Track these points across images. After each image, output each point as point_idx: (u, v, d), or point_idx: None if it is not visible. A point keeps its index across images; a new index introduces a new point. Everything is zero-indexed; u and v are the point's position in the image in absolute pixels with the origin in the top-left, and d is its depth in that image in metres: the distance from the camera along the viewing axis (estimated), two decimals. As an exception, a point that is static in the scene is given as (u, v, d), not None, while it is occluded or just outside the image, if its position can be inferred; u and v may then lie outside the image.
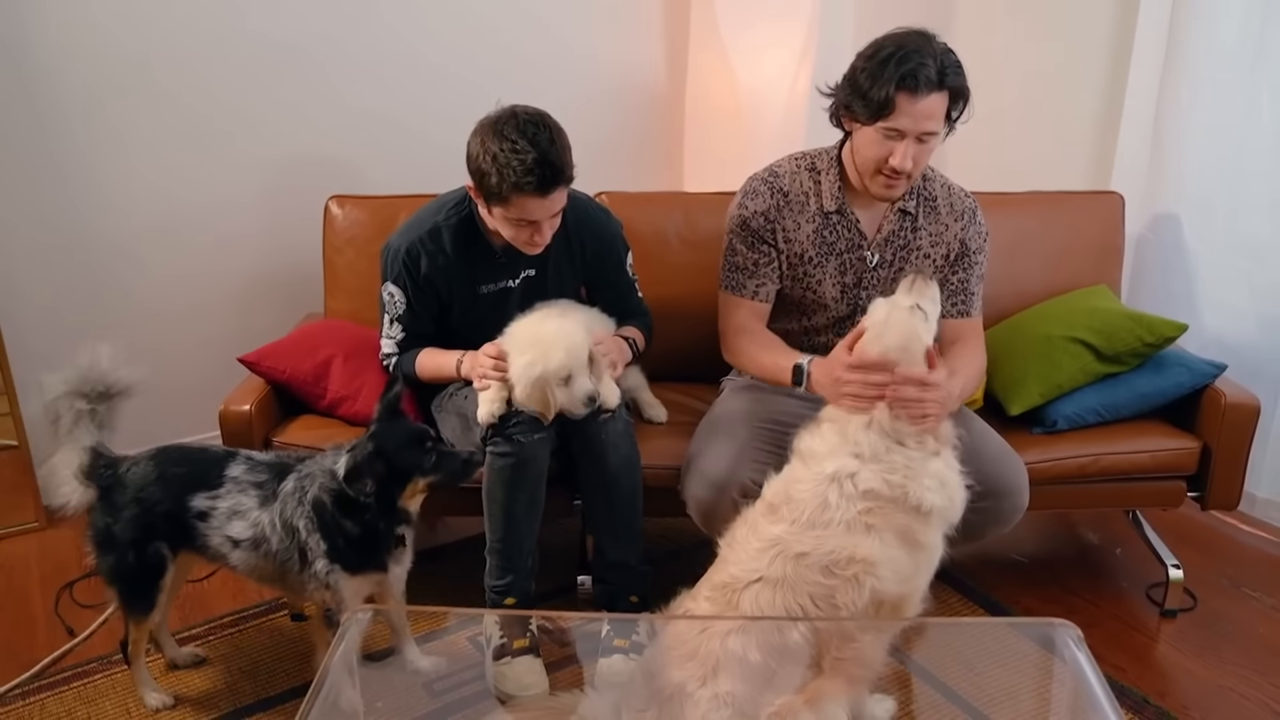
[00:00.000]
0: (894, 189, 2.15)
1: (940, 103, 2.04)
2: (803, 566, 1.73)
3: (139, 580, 2.08)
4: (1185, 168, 3.03)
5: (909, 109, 2.02)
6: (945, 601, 2.57)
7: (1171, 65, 3.00)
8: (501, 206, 2.13)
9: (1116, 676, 2.30)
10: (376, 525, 2.00)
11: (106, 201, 3.00)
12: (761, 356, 2.22)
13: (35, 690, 2.28)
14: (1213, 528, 2.99)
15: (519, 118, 2.09)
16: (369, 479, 1.92)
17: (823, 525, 1.74)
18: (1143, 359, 2.53)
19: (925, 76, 2.00)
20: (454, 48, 3.35)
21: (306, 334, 2.71)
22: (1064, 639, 1.67)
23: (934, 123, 2.05)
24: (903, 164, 2.07)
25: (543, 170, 2.05)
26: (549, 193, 2.09)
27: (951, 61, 2.04)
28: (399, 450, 1.96)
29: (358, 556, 2.01)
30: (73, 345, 2.97)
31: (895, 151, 2.07)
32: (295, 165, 3.22)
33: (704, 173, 3.71)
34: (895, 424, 1.78)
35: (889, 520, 1.75)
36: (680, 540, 2.76)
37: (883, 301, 1.94)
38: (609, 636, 2.23)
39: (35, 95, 2.83)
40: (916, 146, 2.06)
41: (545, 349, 2.12)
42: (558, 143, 2.10)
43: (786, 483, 1.84)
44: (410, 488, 2.00)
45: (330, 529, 1.98)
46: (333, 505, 1.97)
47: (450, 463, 2.03)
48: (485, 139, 2.09)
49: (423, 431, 2.04)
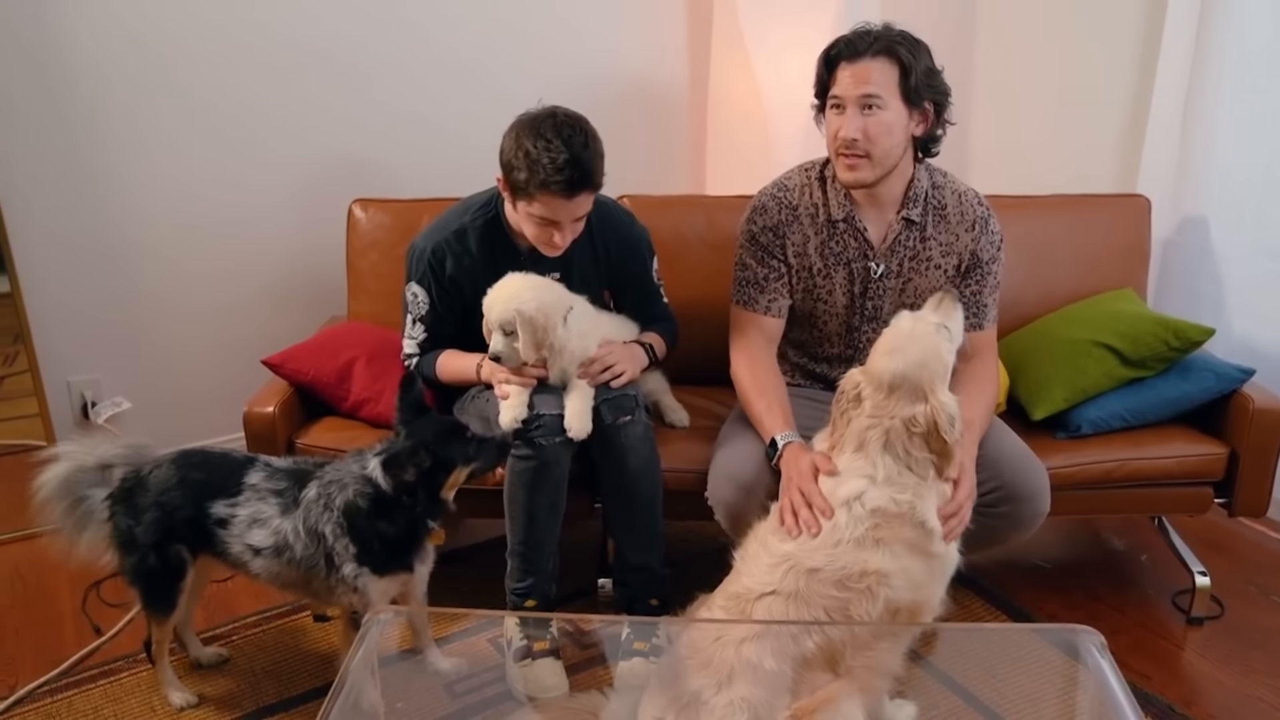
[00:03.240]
0: (855, 169, 2.13)
1: (880, 69, 2.06)
2: (815, 581, 1.74)
3: (160, 582, 2.11)
4: (1213, 170, 2.99)
5: (844, 77, 2.08)
6: (968, 607, 2.56)
7: (1199, 67, 2.96)
8: (526, 202, 2.14)
9: (1141, 684, 2.28)
10: (415, 522, 2.02)
11: (133, 206, 3.03)
12: (753, 404, 2.19)
13: (63, 687, 2.31)
14: (1240, 534, 2.95)
15: (557, 117, 2.12)
16: (411, 469, 1.95)
17: (833, 544, 1.75)
18: (1169, 364, 2.51)
19: (855, 47, 2.07)
20: (478, 50, 3.37)
21: (330, 336, 2.73)
22: (1088, 646, 1.65)
23: (872, 86, 2.06)
24: (848, 132, 2.08)
25: (572, 172, 2.07)
26: (574, 195, 2.11)
27: (898, 35, 2.08)
28: (440, 442, 2.00)
29: (388, 558, 2.03)
30: (101, 348, 3.04)
31: (842, 124, 2.09)
32: (319, 168, 3.25)
33: (727, 176, 3.70)
34: (910, 449, 1.77)
35: (897, 533, 1.75)
36: (701, 544, 2.75)
37: (908, 315, 1.92)
38: (629, 639, 2.23)
39: (63, 99, 2.87)
40: (863, 118, 2.07)
41: (494, 298, 2.20)
42: (591, 147, 2.12)
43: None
44: (454, 477, 2.03)
45: (364, 532, 1.99)
46: (368, 509, 1.99)
47: (487, 449, 2.08)
48: (521, 134, 2.11)
49: (457, 423, 2.10)
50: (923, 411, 1.76)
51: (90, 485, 2.11)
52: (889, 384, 1.79)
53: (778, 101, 3.47)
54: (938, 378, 1.81)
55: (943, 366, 1.83)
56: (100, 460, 2.13)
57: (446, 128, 3.34)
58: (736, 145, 3.67)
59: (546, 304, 2.19)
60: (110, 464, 2.14)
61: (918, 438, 1.76)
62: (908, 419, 1.76)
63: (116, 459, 2.14)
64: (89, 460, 2.12)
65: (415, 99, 3.32)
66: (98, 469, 2.13)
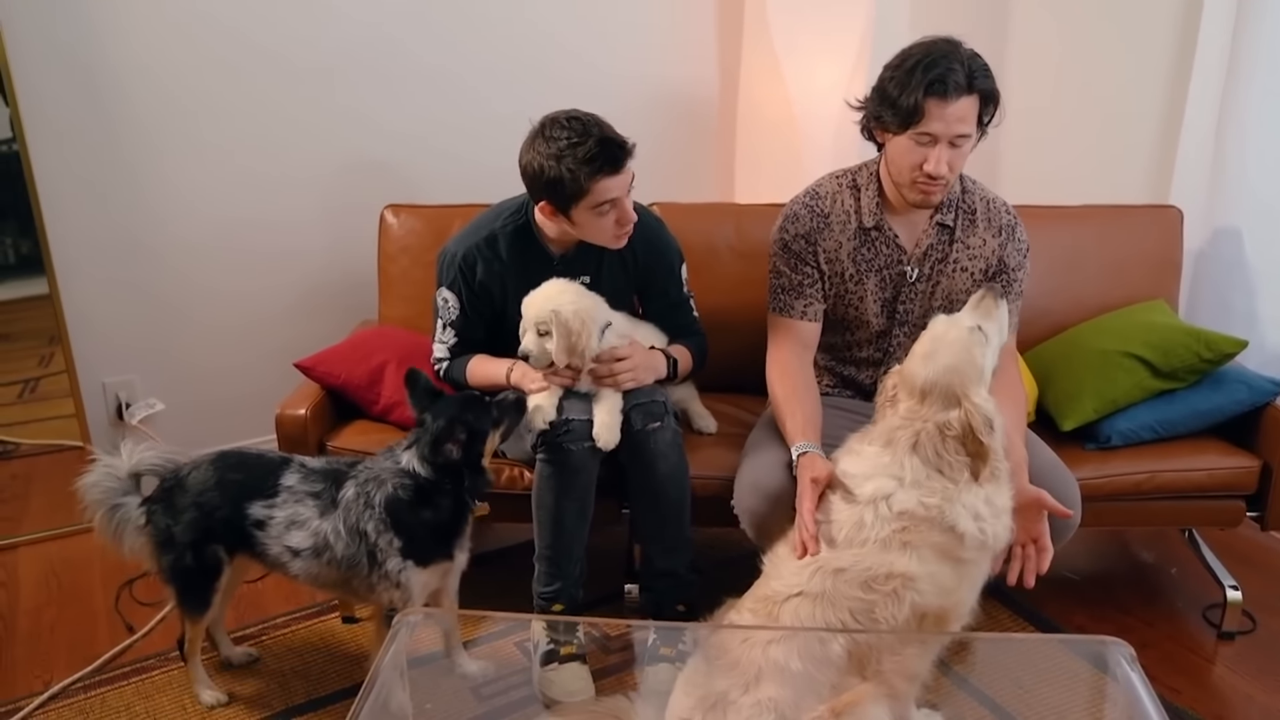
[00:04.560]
0: (932, 195, 2.14)
1: (970, 106, 2.04)
2: (841, 582, 1.74)
3: (195, 581, 2.13)
4: (1247, 181, 2.97)
5: (939, 113, 2.03)
6: (995, 618, 2.54)
7: (1234, 76, 2.94)
8: (583, 200, 2.16)
9: (1172, 699, 2.26)
10: (458, 501, 2.08)
11: (170, 212, 3.07)
12: (781, 411, 2.19)
13: (96, 684, 2.34)
14: (1273, 548, 2.92)
15: (557, 119, 2.16)
16: (454, 445, 2.02)
17: (859, 544, 1.75)
18: (1200, 375, 2.49)
19: (954, 81, 2.01)
20: (510, 57, 3.39)
21: (361, 340, 2.76)
22: (1117, 658, 1.64)
23: (965, 125, 2.05)
24: (938, 169, 2.07)
25: (606, 147, 2.12)
26: (621, 166, 2.15)
27: (979, 65, 2.05)
28: (465, 414, 2.07)
29: (432, 547, 2.08)
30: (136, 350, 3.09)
31: (930, 157, 2.07)
32: (352, 175, 3.28)
33: (756, 184, 3.71)
34: (943, 452, 1.77)
35: (925, 538, 1.74)
36: (729, 550, 2.75)
37: (944, 319, 1.92)
38: (655, 645, 2.24)
39: (103, 105, 2.91)
40: (950, 151, 2.07)
41: (533, 298, 2.24)
42: (601, 122, 2.16)
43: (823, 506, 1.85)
44: (489, 442, 2.10)
45: (409, 524, 2.04)
46: (411, 501, 2.03)
47: (508, 408, 2.15)
48: (538, 150, 2.14)
49: (473, 393, 2.20)
50: (956, 416, 1.76)
51: (123, 494, 2.15)
52: (921, 389, 1.80)
53: (808, 110, 3.47)
54: (971, 381, 1.80)
55: (976, 370, 1.82)
56: (134, 469, 2.17)
57: (478, 135, 3.36)
58: (766, 153, 3.68)
59: (584, 310, 2.20)
60: (142, 473, 2.18)
61: (952, 441, 1.76)
62: (941, 424, 1.76)
63: (149, 469, 2.18)
64: (122, 470, 2.15)
65: (446, 107, 3.34)
66: (131, 477, 2.17)
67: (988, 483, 1.77)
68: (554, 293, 2.23)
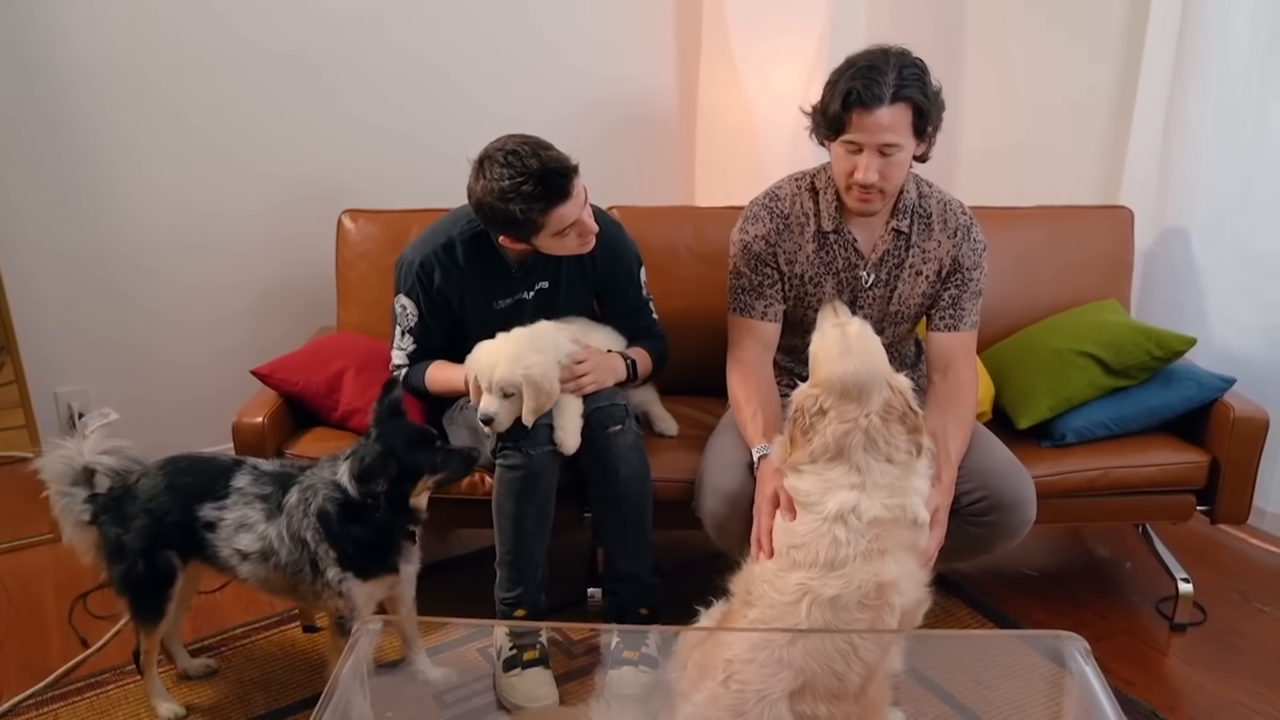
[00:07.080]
0: (868, 202, 2.16)
1: (896, 115, 2.04)
2: (839, 609, 1.72)
3: (148, 589, 2.10)
4: (1194, 183, 3.03)
5: (859, 123, 2.05)
6: (954, 614, 2.57)
7: (1181, 80, 3.00)
8: (542, 232, 2.16)
9: (1125, 690, 2.30)
10: (387, 527, 2.03)
11: (121, 216, 3.03)
12: (741, 412, 2.21)
13: (49, 700, 2.30)
14: (1222, 542, 2.98)
15: (493, 156, 2.12)
16: (381, 479, 1.96)
17: (840, 564, 1.74)
18: (1152, 373, 2.54)
19: (873, 93, 2.01)
20: (466, 64, 3.37)
21: (319, 347, 2.74)
22: (1072, 652, 1.67)
23: (892, 135, 2.05)
24: (866, 177, 2.08)
25: (549, 180, 2.09)
26: (569, 193, 2.13)
27: (910, 75, 2.05)
28: (408, 449, 2.00)
29: (369, 561, 2.04)
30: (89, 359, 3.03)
31: (859, 166, 2.09)
32: (309, 179, 3.25)
33: (716, 188, 3.71)
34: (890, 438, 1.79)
35: (896, 539, 1.77)
36: (691, 553, 2.76)
37: (828, 326, 1.96)
38: (619, 648, 2.24)
39: (51, 111, 2.86)
40: (881, 160, 2.08)
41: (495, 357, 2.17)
42: (539, 149, 2.12)
43: (782, 531, 1.84)
44: (420, 485, 2.04)
45: (339, 538, 2.00)
46: (339, 514, 2.00)
47: (454, 459, 2.10)
48: (485, 189, 2.12)
49: (428, 431, 2.10)
50: (890, 397, 1.80)
51: (73, 483, 2.11)
52: (856, 384, 1.80)
53: (766, 113, 3.49)
54: (886, 361, 1.88)
55: (882, 351, 1.90)
56: (89, 464, 2.12)
57: (435, 143, 3.33)
58: (726, 157, 3.69)
59: (548, 363, 2.17)
60: (96, 470, 2.14)
61: (894, 423, 1.79)
62: (883, 409, 1.79)
63: (105, 469, 2.14)
64: (76, 461, 2.11)
65: (402, 116, 3.31)
66: (85, 471, 2.12)
67: (924, 455, 1.84)
68: (514, 351, 2.16)
